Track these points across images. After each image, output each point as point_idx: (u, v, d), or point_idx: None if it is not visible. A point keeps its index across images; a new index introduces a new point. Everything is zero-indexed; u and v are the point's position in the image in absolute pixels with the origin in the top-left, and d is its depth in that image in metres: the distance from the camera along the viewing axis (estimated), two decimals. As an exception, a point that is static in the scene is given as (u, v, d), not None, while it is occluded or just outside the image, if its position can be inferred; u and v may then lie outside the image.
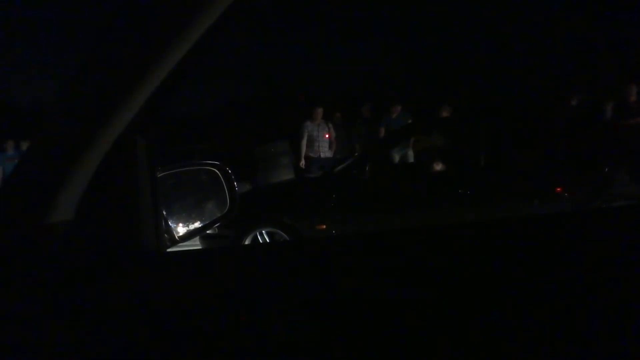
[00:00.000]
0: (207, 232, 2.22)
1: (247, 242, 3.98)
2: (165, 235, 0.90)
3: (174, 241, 1.01)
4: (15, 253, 0.67)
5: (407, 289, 0.62)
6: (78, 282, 0.67)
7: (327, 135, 7.45)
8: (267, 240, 4.07)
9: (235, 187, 1.16)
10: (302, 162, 7.11)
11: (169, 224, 1.04)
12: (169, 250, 0.86)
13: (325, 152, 7.25)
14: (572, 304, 0.59)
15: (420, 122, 6.94)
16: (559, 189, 3.61)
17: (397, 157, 7.10)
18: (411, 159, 7.14)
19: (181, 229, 1.09)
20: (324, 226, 3.86)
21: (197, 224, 1.13)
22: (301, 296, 0.64)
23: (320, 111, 7.23)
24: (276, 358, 0.61)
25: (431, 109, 7.78)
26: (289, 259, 0.71)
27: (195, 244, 4.02)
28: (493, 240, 0.68)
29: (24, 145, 8.67)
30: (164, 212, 0.96)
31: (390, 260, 0.66)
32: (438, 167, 5.58)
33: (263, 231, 4.05)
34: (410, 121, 7.22)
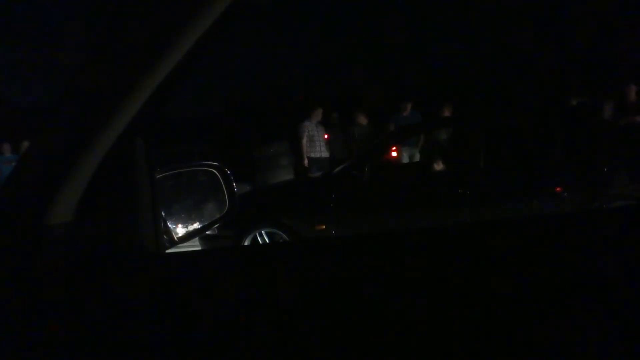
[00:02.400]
0: (207, 233, 2.22)
1: (246, 243, 3.98)
2: (165, 236, 0.90)
3: (173, 242, 1.01)
4: (15, 253, 0.67)
5: (407, 289, 0.62)
6: (77, 282, 0.67)
7: (326, 136, 7.45)
8: (267, 241, 4.07)
9: (234, 188, 1.15)
10: (306, 161, 7.09)
11: (168, 225, 1.03)
12: (168, 251, 0.85)
13: (325, 152, 7.26)
14: (572, 305, 0.59)
15: (428, 121, 6.93)
16: (559, 189, 3.61)
17: (406, 157, 7.11)
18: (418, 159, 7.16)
19: (180, 230, 1.09)
20: (324, 226, 3.86)
21: (197, 225, 1.13)
22: (301, 297, 0.63)
23: (320, 111, 7.22)
24: (276, 358, 0.61)
25: (432, 109, 7.75)
26: (289, 260, 0.70)
27: (194, 245, 4.02)
28: (493, 241, 0.68)
29: (22, 147, 8.62)
30: (163, 213, 0.96)
31: (390, 261, 0.66)
32: (438, 167, 5.57)
33: (262, 232, 4.05)
34: (420, 120, 7.21)
